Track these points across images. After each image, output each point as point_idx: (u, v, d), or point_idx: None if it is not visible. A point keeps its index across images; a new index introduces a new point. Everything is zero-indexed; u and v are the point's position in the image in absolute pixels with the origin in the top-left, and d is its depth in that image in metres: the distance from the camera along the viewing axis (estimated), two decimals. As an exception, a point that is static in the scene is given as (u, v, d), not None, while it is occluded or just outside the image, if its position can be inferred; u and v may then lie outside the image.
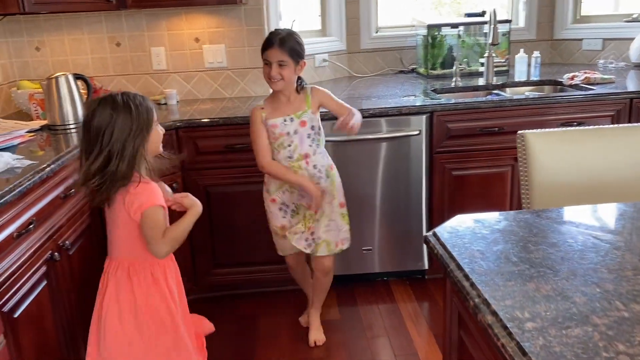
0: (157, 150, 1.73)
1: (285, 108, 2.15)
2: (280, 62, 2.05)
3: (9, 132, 2.21)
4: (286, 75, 2.07)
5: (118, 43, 2.98)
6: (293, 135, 2.15)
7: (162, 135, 1.75)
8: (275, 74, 2.05)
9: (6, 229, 1.53)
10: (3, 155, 1.83)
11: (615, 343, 0.70)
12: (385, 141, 2.62)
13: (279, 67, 2.05)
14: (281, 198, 2.25)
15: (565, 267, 0.95)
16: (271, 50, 2.05)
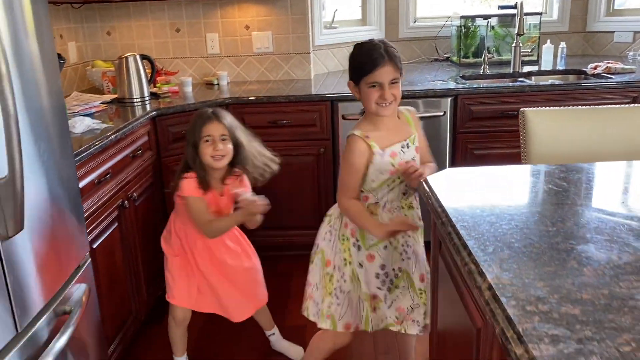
0: (209, 161, 2.00)
1: (394, 134, 1.73)
2: (394, 81, 1.63)
3: (86, 102, 2.60)
4: (398, 95, 1.66)
5: (178, 29, 3.35)
6: None
7: (215, 150, 1.98)
8: (389, 96, 1.62)
9: (89, 176, 1.90)
10: (85, 119, 2.21)
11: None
12: (413, 121, 2.88)
13: (391, 86, 1.63)
14: (382, 257, 1.76)
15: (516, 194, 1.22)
16: (383, 68, 1.60)
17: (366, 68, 1.61)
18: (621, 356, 0.69)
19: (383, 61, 1.59)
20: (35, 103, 1.40)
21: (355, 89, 1.69)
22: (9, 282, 1.23)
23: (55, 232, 1.47)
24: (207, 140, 1.97)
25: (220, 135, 1.98)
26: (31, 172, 1.34)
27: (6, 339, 1.23)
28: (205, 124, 1.98)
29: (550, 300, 0.82)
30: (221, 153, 1.98)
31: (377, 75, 1.60)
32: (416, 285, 1.77)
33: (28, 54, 1.39)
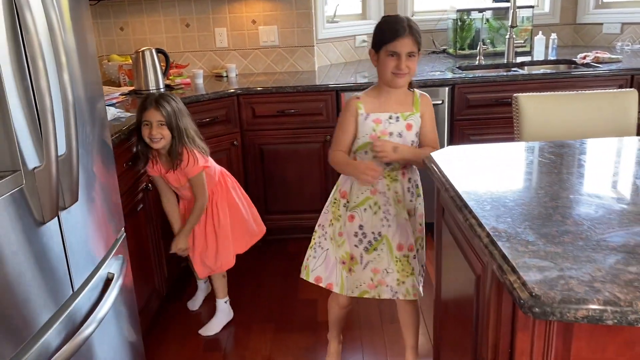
0: (148, 142, 2.22)
1: (392, 104, 1.85)
2: (411, 53, 1.74)
3: (107, 94, 2.77)
4: (414, 69, 1.78)
5: (187, 24, 3.51)
6: (397, 137, 1.85)
7: (150, 134, 2.18)
8: (405, 67, 1.73)
9: (120, 159, 2.07)
10: (110, 109, 2.38)
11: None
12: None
13: (408, 58, 1.74)
14: (361, 217, 1.91)
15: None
16: (402, 39, 1.71)
17: (387, 37, 1.73)
18: (593, 279, 0.87)
19: (404, 33, 1.71)
20: (84, 92, 1.57)
21: (375, 57, 1.81)
22: (67, 247, 1.41)
23: (100, 206, 1.65)
24: (146, 124, 2.18)
25: (157, 121, 2.17)
26: (81, 152, 1.50)
27: (65, 296, 1.40)
28: (145, 110, 2.19)
29: (538, 243, 1.00)
30: (157, 137, 2.17)
31: (396, 44, 1.72)
32: (394, 252, 1.90)
33: (73, 47, 1.55)
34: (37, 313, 1.27)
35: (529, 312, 0.84)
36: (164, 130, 2.17)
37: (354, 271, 1.95)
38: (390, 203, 1.89)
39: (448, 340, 1.59)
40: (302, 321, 2.51)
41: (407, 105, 1.87)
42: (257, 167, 3.13)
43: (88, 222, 1.54)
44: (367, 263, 1.93)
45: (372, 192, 1.90)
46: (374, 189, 1.89)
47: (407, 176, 1.91)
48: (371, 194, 1.90)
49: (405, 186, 1.91)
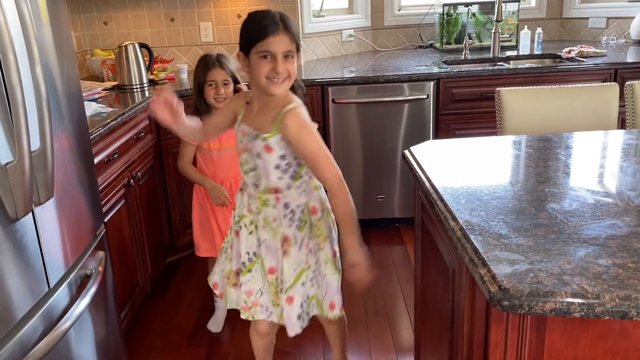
0: (212, 102, 2.23)
1: (259, 118, 1.57)
2: (288, 54, 1.45)
3: (90, 89, 2.74)
4: (293, 73, 1.48)
5: (172, 18, 3.48)
6: (255, 158, 1.58)
7: (217, 94, 2.20)
8: (283, 70, 1.44)
9: (100, 155, 2.06)
10: (91, 104, 2.35)
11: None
12: (400, 103, 3.05)
13: (285, 60, 1.45)
14: (240, 236, 1.73)
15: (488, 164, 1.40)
16: (276, 37, 1.42)
17: (258, 35, 1.42)
18: (562, 272, 0.87)
19: (277, 29, 1.42)
20: (59, 86, 1.55)
21: (245, 61, 1.50)
22: (42, 243, 1.39)
23: (78, 201, 1.63)
24: (210, 85, 2.19)
25: (223, 80, 2.19)
26: (57, 147, 1.49)
27: (41, 293, 1.39)
28: (209, 70, 2.19)
29: (510, 236, 1.00)
30: (223, 96, 2.18)
31: (269, 43, 1.42)
32: (266, 276, 1.71)
33: (50, 42, 1.53)
34: (13, 309, 1.25)
35: (498, 306, 0.84)
36: (228, 89, 2.20)
37: (237, 286, 1.78)
38: (261, 226, 1.68)
39: (428, 334, 1.60)
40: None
41: (267, 123, 1.53)
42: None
43: (64, 219, 1.52)
44: (241, 284, 1.74)
45: (248, 210, 1.70)
46: (249, 207, 1.69)
47: (281, 202, 1.63)
48: (247, 212, 1.70)
49: (281, 213, 1.64)
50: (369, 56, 3.80)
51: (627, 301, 0.79)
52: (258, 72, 1.45)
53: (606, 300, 0.80)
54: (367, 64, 3.47)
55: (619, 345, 0.98)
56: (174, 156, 2.77)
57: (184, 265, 2.97)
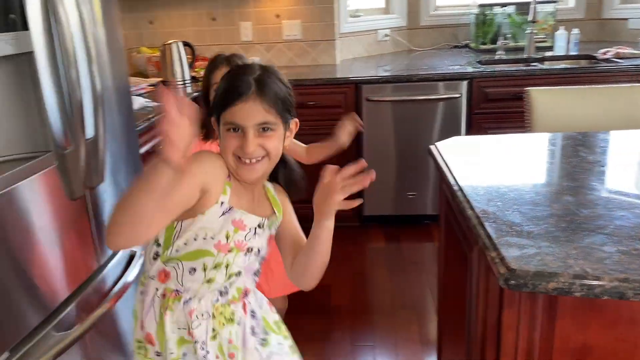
0: None
1: (256, 206, 1.19)
2: (265, 126, 1.09)
3: (137, 84, 2.91)
4: (273, 151, 1.12)
5: (214, 18, 3.63)
6: (253, 256, 1.21)
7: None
8: (253, 149, 1.08)
9: (147, 145, 2.20)
10: (138, 98, 2.51)
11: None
12: (433, 102, 3.11)
13: (259, 134, 1.09)
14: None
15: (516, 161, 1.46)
16: (246, 103, 1.08)
17: (226, 99, 1.09)
18: (567, 256, 0.94)
19: (248, 93, 1.07)
20: (111, 82, 1.69)
21: (218, 128, 1.15)
22: (93, 223, 1.53)
23: (124, 187, 1.77)
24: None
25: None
26: (108, 137, 1.62)
27: (91, 270, 1.52)
28: (216, 69, 1.74)
29: (522, 224, 1.07)
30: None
31: (236, 112, 1.07)
32: None
33: (103, 40, 1.67)
34: (64, 284, 1.39)
35: (505, 285, 0.91)
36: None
37: None
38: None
39: (449, 322, 1.67)
40: (316, 305, 2.61)
41: (266, 204, 1.22)
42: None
43: (113, 202, 1.66)
44: None
45: (189, 333, 1.16)
46: (189, 329, 1.16)
47: (248, 309, 1.24)
48: (188, 336, 1.16)
49: (249, 326, 1.23)
50: (404, 56, 3.87)
51: (625, 283, 0.86)
52: (224, 149, 1.11)
53: (605, 282, 0.86)
54: (402, 63, 3.54)
55: (628, 332, 1.04)
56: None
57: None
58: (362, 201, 1.07)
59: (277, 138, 1.12)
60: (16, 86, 1.28)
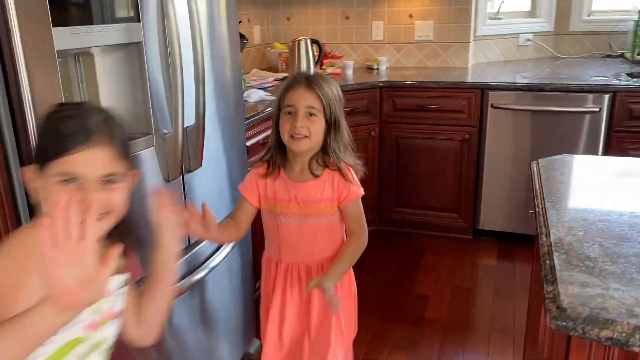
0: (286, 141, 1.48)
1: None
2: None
3: (263, 78, 3.05)
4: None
5: (347, 16, 3.68)
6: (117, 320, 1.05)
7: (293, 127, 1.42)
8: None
9: (257, 137, 2.30)
10: (259, 91, 2.63)
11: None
12: (567, 114, 2.84)
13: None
14: None
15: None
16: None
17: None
18: (637, 303, 0.81)
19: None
20: (221, 73, 1.80)
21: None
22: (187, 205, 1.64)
23: (224, 175, 1.87)
24: (288, 112, 1.43)
25: (306, 107, 1.41)
26: (211, 124, 1.73)
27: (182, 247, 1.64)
28: (290, 89, 1.45)
29: (598, 260, 0.94)
30: (302, 133, 1.41)
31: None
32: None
33: (219, 34, 1.78)
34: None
35: (553, 325, 0.81)
36: (314, 124, 1.41)
37: None
38: None
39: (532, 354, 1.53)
40: (408, 314, 2.54)
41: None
42: (392, 159, 3.19)
43: (209, 187, 1.76)
44: None
45: None
46: None
47: None
48: None
49: None
50: (546, 62, 3.59)
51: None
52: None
53: (672, 340, 0.73)
54: (542, 70, 3.29)
55: None
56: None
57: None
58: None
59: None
60: (125, 72, 1.41)
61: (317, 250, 1.55)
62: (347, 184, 1.49)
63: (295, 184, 1.50)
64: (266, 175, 1.52)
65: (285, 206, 1.51)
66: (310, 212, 1.51)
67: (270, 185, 1.52)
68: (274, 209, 1.53)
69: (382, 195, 3.28)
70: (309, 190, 1.50)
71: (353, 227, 1.55)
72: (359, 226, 1.55)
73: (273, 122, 1.51)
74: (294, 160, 1.51)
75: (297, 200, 1.50)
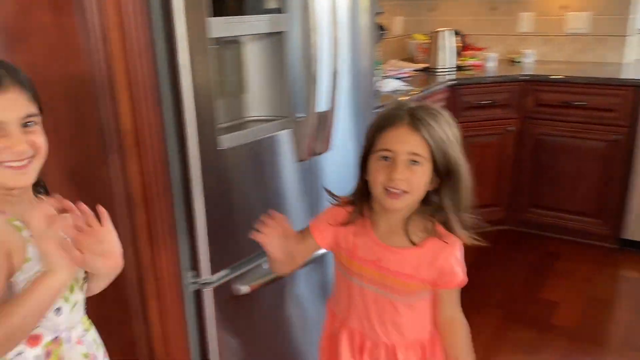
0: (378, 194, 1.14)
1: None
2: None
3: (400, 68, 3.09)
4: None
5: (493, 7, 3.56)
6: None
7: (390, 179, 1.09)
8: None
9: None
10: (394, 81, 2.68)
11: None
12: None
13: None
14: None
15: None
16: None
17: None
18: None
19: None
20: (357, 63, 1.88)
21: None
22: (314, 185, 1.75)
23: (349, 160, 1.95)
24: (384, 157, 1.10)
25: (409, 154, 1.08)
26: (343, 111, 1.81)
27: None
28: (387, 128, 1.11)
29: None
30: (401, 186, 1.09)
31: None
32: None
33: (358, 26, 1.85)
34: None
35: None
36: (415, 176, 1.09)
37: None
38: None
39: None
40: (533, 318, 2.44)
41: None
42: (530, 156, 3.05)
43: (336, 170, 1.86)
44: None
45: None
46: None
47: None
48: None
49: None
50: None
51: None
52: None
53: None
54: None
55: None
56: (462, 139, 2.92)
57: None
58: None
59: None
60: (268, 59, 1.55)
61: (394, 331, 1.22)
62: (454, 267, 1.16)
63: (383, 247, 1.17)
64: (347, 223, 1.21)
65: (364, 268, 1.20)
66: (394, 286, 1.18)
67: (351, 236, 1.21)
68: (348, 266, 1.23)
69: (515, 193, 3.15)
70: (400, 260, 1.16)
71: (452, 314, 1.22)
72: (458, 310, 1.23)
73: (360, 161, 1.18)
74: (384, 215, 1.18)
75: (379, 266, 1.18)
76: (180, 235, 1.42)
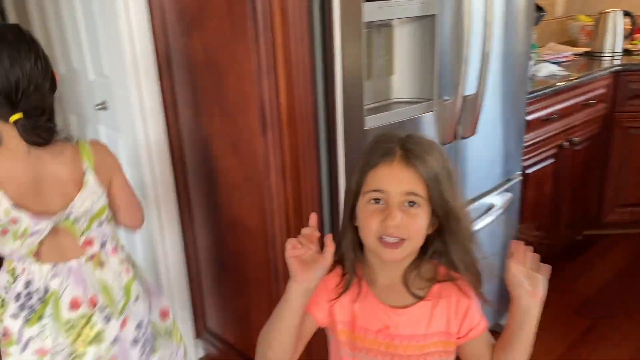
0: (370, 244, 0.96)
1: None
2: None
3: (558, 52, 2.90)
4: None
5: (677, -16, 3.16)
6: None
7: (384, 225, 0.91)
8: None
9: (538, 112, 2.25)
10: (550, 66, 2.54)
11: None
12: None
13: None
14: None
15: None
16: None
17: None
18: None
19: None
20: (510, 47, 1.83)
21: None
22: (461, 168, 1.76)
23: (498, 147, 1.92)
24: (375, 200, 0.93)
25: (404, 194, 0.91)
26: (492, 95, 1.78)
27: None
28: (376, 165, 0.93)
29: None
30: (399, 234, 0.91)
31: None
32: None
33: (514, 8, 1.80)
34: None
35: None
36: (416, 220, 0.92)
37: None
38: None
39: None
40: None
41: None
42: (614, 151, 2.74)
43: (480, 156, 1.83)
44: None
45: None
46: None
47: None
48: None
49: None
50: None
51: None
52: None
53: None
54: None
55: None
56: (625, 130, 2.69)
57: (604, 242, 2.90)
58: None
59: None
60: (418, 42, 1.57)
61: None
62: (471, 305, 0.99)
63: (389, 310, 0.98)
64: (343, 291, 0.98)
65: (370, 339, 0.99)
66: (410, 354, 0.98)
67: (348, 302, 0.99)
68: (351, 341, 1.00)
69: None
70: (412, 321, 0.98)
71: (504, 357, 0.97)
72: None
73: (346, 205, 0.98)
74: (381, 268, 0.99)
75: (389, 334, 0.98)
76: (324, 204, 1.52)
